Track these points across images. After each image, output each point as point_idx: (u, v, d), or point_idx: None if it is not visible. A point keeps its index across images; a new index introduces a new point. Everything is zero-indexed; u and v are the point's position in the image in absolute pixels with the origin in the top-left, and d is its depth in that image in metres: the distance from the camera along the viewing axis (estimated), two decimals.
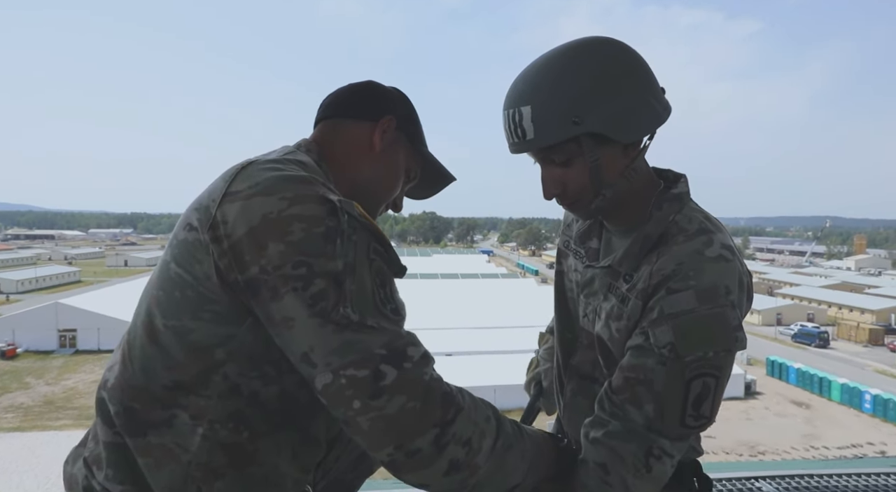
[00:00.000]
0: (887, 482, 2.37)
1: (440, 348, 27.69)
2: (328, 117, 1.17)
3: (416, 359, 0.89)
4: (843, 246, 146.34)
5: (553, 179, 1.12)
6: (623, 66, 1.06)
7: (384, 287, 0.91)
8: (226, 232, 0.87)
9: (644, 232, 1.12)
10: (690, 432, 1.05)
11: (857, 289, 65.29)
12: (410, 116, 1.21)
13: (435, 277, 55.02)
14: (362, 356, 0.84)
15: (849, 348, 44.53)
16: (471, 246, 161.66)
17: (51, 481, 17.36)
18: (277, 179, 0.90)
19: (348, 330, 0.85)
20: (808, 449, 23.79)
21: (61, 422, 24.61)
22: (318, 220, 0.86)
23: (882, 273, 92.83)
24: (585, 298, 1.25)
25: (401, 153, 1.19)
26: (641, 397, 1.03)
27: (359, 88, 1.20)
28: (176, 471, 0.92)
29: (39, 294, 58.21)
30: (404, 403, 0.85)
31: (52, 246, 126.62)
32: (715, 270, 1.03)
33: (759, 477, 2.39)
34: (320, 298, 0.85)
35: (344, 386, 0.84)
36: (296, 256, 0.85)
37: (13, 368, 32.38)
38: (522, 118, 1.05)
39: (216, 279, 0.88)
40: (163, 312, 0.93)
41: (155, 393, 0.93)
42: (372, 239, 0.91)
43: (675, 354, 1.01)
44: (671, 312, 1.02)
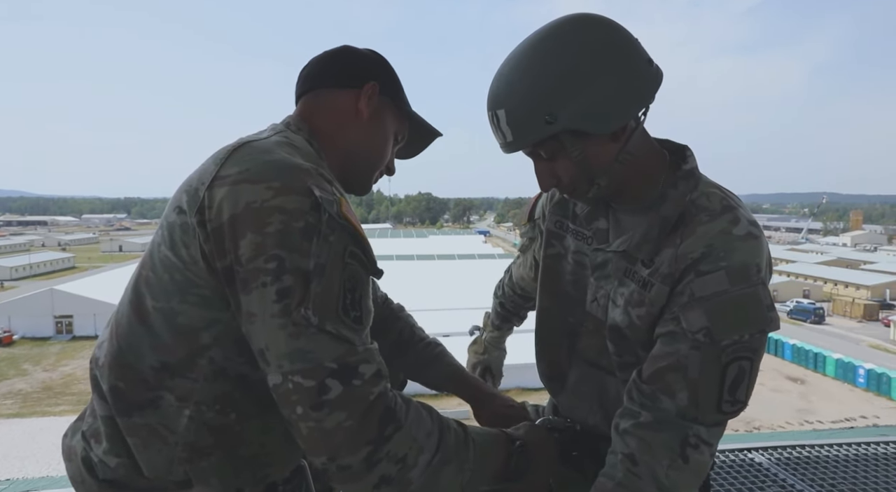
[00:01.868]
0: (877, 451, 2.37)
1: (437, 329, 27.69)
2: (310, 89, 1.15)
3: (367, 377, 0.88)
4: (840, 222, 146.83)
5: (545, 173, 1.10)
6: (596, 50, 0.98)
7: (353, 292, 0.90)
8: (210, 217, 0.88)
9: (661, 214, 1.07)
10: (726, 418, 1.01)
11: (852, 265, 65.63)
12: (392, 79, 1.19)
13: (431, 258, 55.06)
14: (311, 367, 0.85)
15: (844, 324, 44.89)
16: (467, 227, 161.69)
17: (51, 467, 17.47)
18: (267, 165, 0.90)
19: (304, 335, 0.85)
20: (802, 423, 24.08)
21: (60, 408, 24.71)
22: (299, 214, 0.86)
23: (878, 249, 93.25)
24: (597, 281, 1.18)
25: (388, 117, 1.18)
26: (674, 385, 0.99)
27: (336, 56, 1.17)
28: (162, 451, 0.94)
29: (34, 281, 58.04)
30: (342, 420, 0.85)
31: (46, 232, 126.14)
32: (745, 249, 0.99)
33: (752, 448, 2.40)
34: (285, 295, 0.85)
35: (290, 391, 0.85)
36: (270, 250, 0.84)
37: (10, 355, 32.41)
38: (500, 121, 1.03)
39: (203, 263, 0.89)
40: (153, 294, 0.94)
41: (141, 373, 0.94)
42: (350, 241, 0.90)
43: (711, 339, 0.97)
44: (703, 295, 0.98)
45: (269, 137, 1.00)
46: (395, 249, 59.73)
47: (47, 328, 35.98)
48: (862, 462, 2.28)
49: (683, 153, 1.14)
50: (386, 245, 65.05)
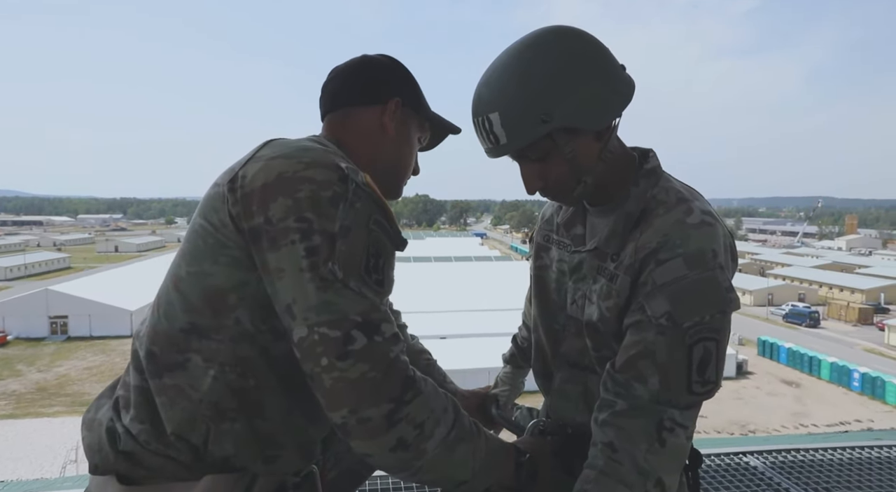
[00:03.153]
0: (871, 455, 2.38)
1: (434, 331, 27.81)
2: (335, 108, 1.21)
3: (388, 335, 0.91)
4: (835, 226, 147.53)
5: (533, 175, 1.14)
6: (579, 56, 1.06)
7: (377, 258, 0.94)
8: (242, 184, 0.94)
9: (625, 210, 1.14)
10: (699, 399, 1.04)
11: (847, 269, 65.94)
12: (412, 88, 1.24)
13: (428, 260, 55.10)
14: (337, 318, 0.88)
15: (839, 328, 45.05)
16: (464, 229, 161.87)
17: (44, 469, 17.40)
18: (300, 147, 0.98)
19: (331, 289, 0.89)
20: (797, 427, 24.14)
21: (54, 409, 24.61)
22: (327, 184, 0.92)
23: (872, 253, 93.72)
24: (574, 284, 1.24)
25: (412, 127, 1.24)
26: (645, 371, 1.03)
27: (358, 71, 1.22)
28: (187, 409, 0.98)
29: (29, 281, 57.85)
30: (366, 371, 0.88)
31: (41, 232, 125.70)
32: (700, 236, 1.05)
33: (747, 452, 2.40)
34: (313, 253, 0.89)
35: (316, 342, 0.88)
36: (300, 212, 0.90)
37: (4, 355, 32.29)
38: (493, 125, 1.07)
39: (231, 225, 0.94)
40: (187, 261, 0.99)
41: (173, 337, 0.99)
42: (375, 210, 0.96)
43: (674, 322, 1.02)
44: (663, 282, 1.03)
45: (299, 139, 1.10)
46: None
47: (42, 329, 35.87)
48: (856, 466, 2.28)
49: (647, 155, 1.21)
50: None
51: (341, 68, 1.23)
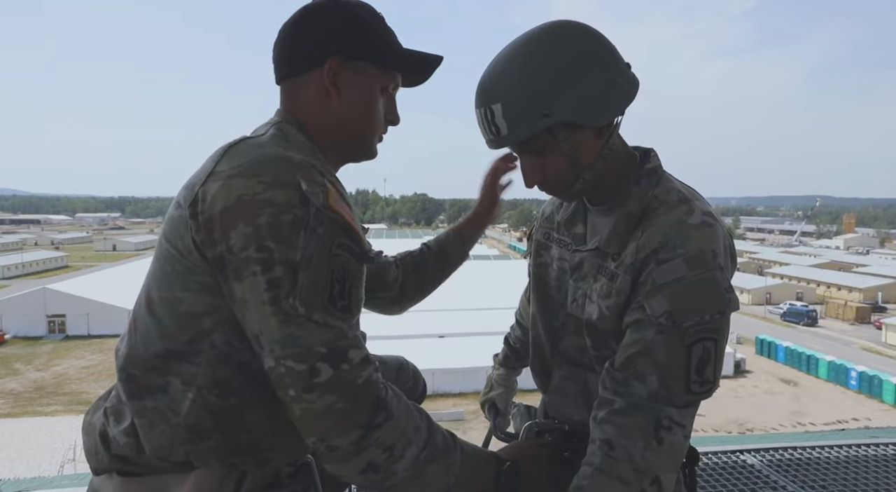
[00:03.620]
0: (867, 453, 2.39)
1: (432, 330, 27.80)
2: (281, 79, 1.14)
3: (356, 362, 0.92)
4: (833, 225, 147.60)
5: (533, 168, 1.14)
6: (585, 50, 1.07)
7: (343, 282, 0.93)
8: (202, 209, 0.91)
9: (626, 210, 1.14)
10: (697, 399, 1.05)
11: (845, 268, 66.01)
12: (361, 38, 1.12)
13: None
14: (302, 351, 0.88)
15: (836, 326, 45.13)
16: None
17: (43, 468, 17.38)
18: (260, 160, 0.93)
19: (293, 322, 0.88)
20: (795, 425, 24.18)
21: (52, 408, 24.58)
22: (288, 207, 0.89)
23: (870, 252, 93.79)
24: (575, 282, 1.24)
25: (365, 81, 1.13)
26: (644, 370, 1.04)
27: (292, 35, 1.12)
28: (165, 431, 0.98)
29: (26, 280, 57.73)
30: (333, 402, 0.89)
31: (39, 231, 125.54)
32: (700, 237, 1.06)
33: (744, 450, 2.41)
34: (275, 285, 0.88)
35: (283, 374, 0.89)
36: (260, 241, 0.88)
37: (2, 354, 32.24)
38: (494, 116, 1.07)
39: (196, 253, 0.93)
40: (158, 285, 0.98)
41: (151, 361, 0.99)
42: (339, 233, 0.93)
43: (673, 322, 1.02)
44: (663, 282, 1.04)
45: (265, 133, 1.05)
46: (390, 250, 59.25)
47: (39, 327, 35.82)
48: (853, 464, 2.29)
49: (648, 154, 1.21)
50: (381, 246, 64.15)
51: (281, 31, 1.14)
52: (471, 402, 24.45)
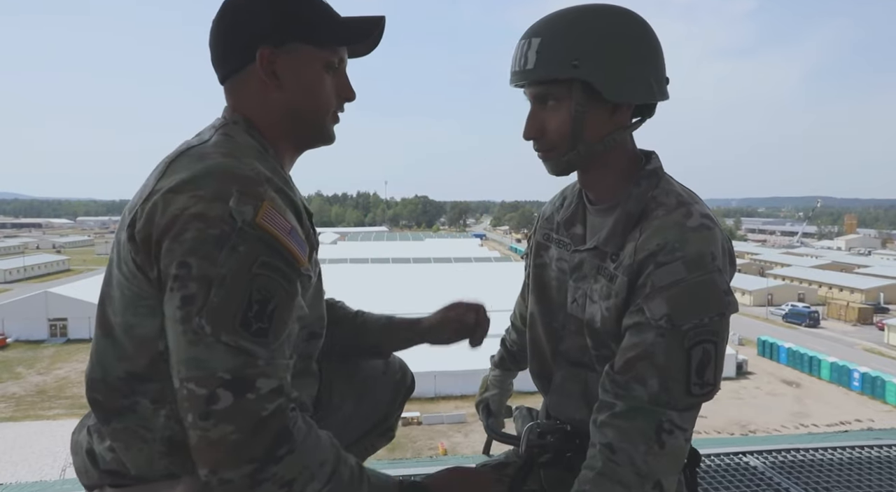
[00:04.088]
0: (871, 455, 2.38)
1: None
2: (223, 79, 1.11)
3: (263, 392, 0.87)
4: (834, 226, 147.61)
5: (537, 119, 1.16)
6: (634, 37, 1.13)
7: (264, 304, 0.88)
8: (139, 228, 0.90)
9: (625, 210, 1.15)
10: (698, 401, 1.05)
11: (847, 269, 65.89)
12: (287, 20, 1.06)
13: (428, 261, 55.05)
14: (204, 375, 0.85)
15: (838, 327, 45.04)
16: (463, 230, 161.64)
17: (44, 472, 17.36)
18: (199, 173, 0.91)
19: (201, 344, 0.85)
20: (797, 427, 24.12)
21: (54, 411, 24.57)
22: (216, 222, 0.87)
23: (872, 253, 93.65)
24: (575, 283, 1.25)
25: (303, 63, 1.08)
26: (644, 373, 1.04)
27: (219, 33, 1.08)
28: (143, 450, 0.97)
29: (28, 283, 57.82)
30: (229, 432, 0.84)
31: (40, 234, 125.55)
32: (699, 239, 1.06)
33: (747, 452, 2.40)
34: (188, 303, 0.86)
35: (184, 397, 0.86)
36: (181, 256, 0.86)
37: (3, 358, 32.22)
38: (530, 48, 1.11)
39: (141, 276, 0.91)
40: (112, 309, 0.97)
41: (113, 383, 0.98)
42: (263, 252, 0.88)
43: (672, 324, 1.02)
44: (662, 285, 1.04)
45: (209, 140, 1.02)
46: (391, 252, 59.71)
47: (41, 331, 35.79)
48: (856, 466, 2.28)
49: (650, 156, 1.22)
50: (382, 248, 65.09)
51: (210, 32, 1.10)
52: (472, 405, 24.31)
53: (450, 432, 22.40)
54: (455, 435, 22.22)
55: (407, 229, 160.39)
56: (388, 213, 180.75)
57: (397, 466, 2.21)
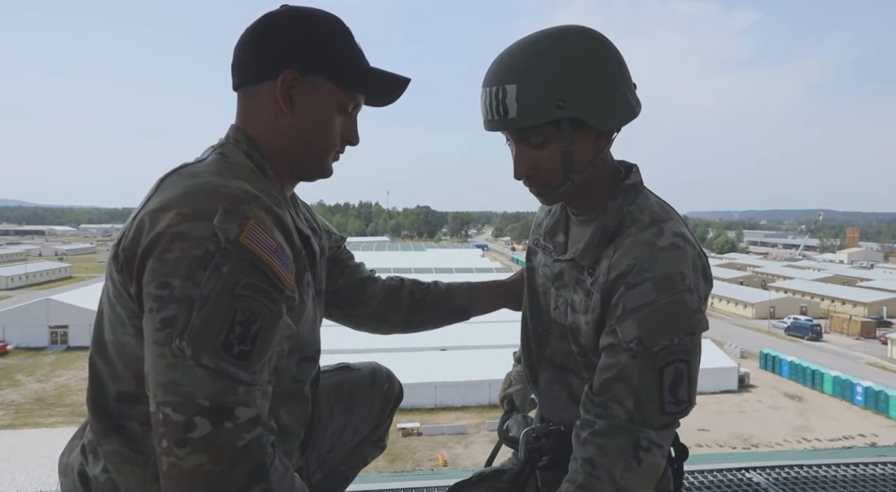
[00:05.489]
0: (875, 472, 2.36)
1: (434, 343, 27.73)
2: (237, 86, 1.09)
3: (242, 421, 0.84)
4: (836, 239, 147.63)
5: (526, 159, 1.14)
6: (605, 56, 1.11)
7: (246, 326, 0.85)
8: (123, 246, 0.89)
9: (602, 224, 1.16)
10: (673, 419, 1.07)
11: (849, 282, 65.80)
12: (320, 51, 1.06)
13: (429, 271, 55.02)
14: (182, 401, 0.82)
15: (841, 341, 44.88)
16: (465, 240, 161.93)
17: (42, 480, 17.30)
18: (187, 190, 0.90)
19: (180, 367, 0.82)
20: (800, 441, 23.99)
21: (53, 419, 24.51)
22: (200, 241, 0.84)
23: (874, 266, 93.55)
24: (557, 290, 1.27)
25: (320, 98, 1.07)
26: (620, 394, 1.06)
27: (250, 41, 1.07)
28: (135, 472, 0.95)
29: (30, 290, 57.87)
30: (204, 462, 0.81)
31: (43, 242, 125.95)
32: (668, 259, 1.07)
33: (749, 468, 2.38)
34: (168, 324, 0.83)
35: (160, 422, 0.83)
36: (163, 277, 0.84)
37: (3, 365, 32.21)
38: (506, 96, 1.07)
39: (126, 295, 0.90)
40: (106, 328, 0.96)
41: (105, 405, 0.97)
42: (247, 272, 0.86)
43: (643, 347, 1.05)
44: (633, 307, 1.06)
45: (204, 159, 1.02)
46: (392, 263, 59.74)
47: (42, 338, 35.79)
48: (860, 483, 2.27)
49: (630, 170, 1.22)
50: (384, 258, 65.08)
51: (241, 36, 1.08)
52: (473, 415, 24.33)
53: (450, 443, 22.29)
54: (455, 446, 22.11)
55: (409, 239, 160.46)
56: (390, 223, 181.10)
57: (397, 478, 2.19)
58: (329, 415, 1.35)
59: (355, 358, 1.63)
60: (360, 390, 1.44)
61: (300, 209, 1.20)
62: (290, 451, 1.10)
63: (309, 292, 1.08)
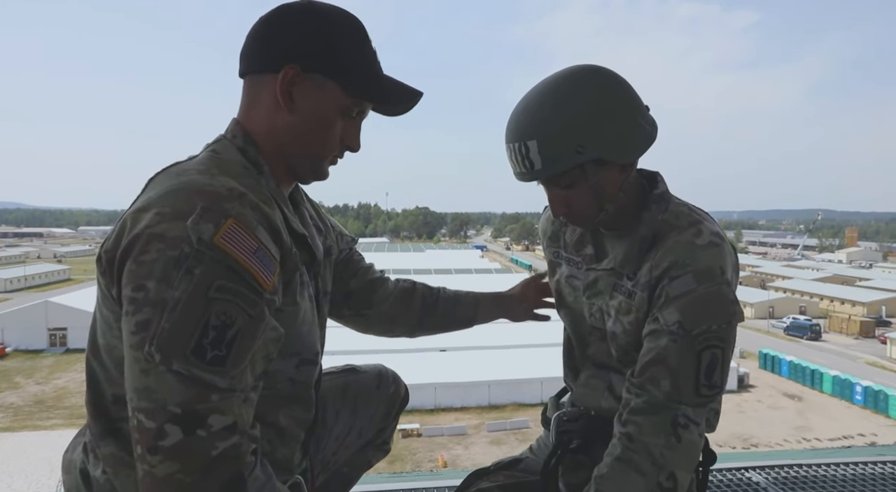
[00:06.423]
0: (874, 471, 2.36)
1: (434, 344, 27.71)
2: (242, 74, 1.07)
3: (215, 429, 0.81)
4: (835, 239, 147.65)
5: (560, 201, 1.22)
6: (615, 94, 1.16)
7: (221, 330, 0.82)
8: (105, 249, 0.88)
9: (639, 235, 1.23)
10: (705, 402, 1.14)
11: (848, 281, 65.87)
12: (328, 50, 1.02)
13: (428, 272, 55.04)
14: (154, 407, 0.80)
15: (840, 341, 44.91)
16: (464, 241, 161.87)
17: (41, 482, 17.27)
18: (169, 190, 0.88)
19: (152, 373, 0.80)
20: (800, 441, 24.01)
21: (52, 422, 24.47)
22: (176, 242, 0.82)
23: (873, 266, 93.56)
24: (589, 299, 1.33)
25: (322, 99, 1.03)
26: (658, 375, 1.13)
27: (260, 31, 1.05)
28: (131, 476, 0.94)
29: (28, 293, 57.82)
30: (174, 472, 0.79)
31: (41, 244, 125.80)
32: (708, 256, 1.15)
33: (749, 467, 2.38)
34: (142, 328, 0.81)
35: (135, 427, 0.82)
36: (139, 279, 0.82)
37: (2, 367, 32.16)
38: (529, 151, 1.14)
39: (111, 297, 0.89)
40: (98, 331, 0.96)
41: (101, 407, 0.97)
42: (221, 275, 0.83)
43: (684, 330, 1.12)
44: (675, 295, 1.14)
45: (195, 157, 1.01)
46: (391, 264, 59.70)
47: (41, 341, 35.74)
48: (860, 482, 2.27)
49: (655, 179, 1.29)
50: (383, 259, 65.08)
51: (253, 26, 1.06)
52: (473, 416, 24.32)
53: (450, 444, 22.28)
54: (455, 447, 22.09)
55: (408, 241, 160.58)
56: (390, 224, 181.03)
57: (397, 480, 2.19)
58: (334, 417, 1.35)
59: (355, 359, 1.63)
60: (365, 392, 1.43)
61: (303, 208, 1.19)
62: (290, 453, 1.10)
63: (304, 293, 1.05)
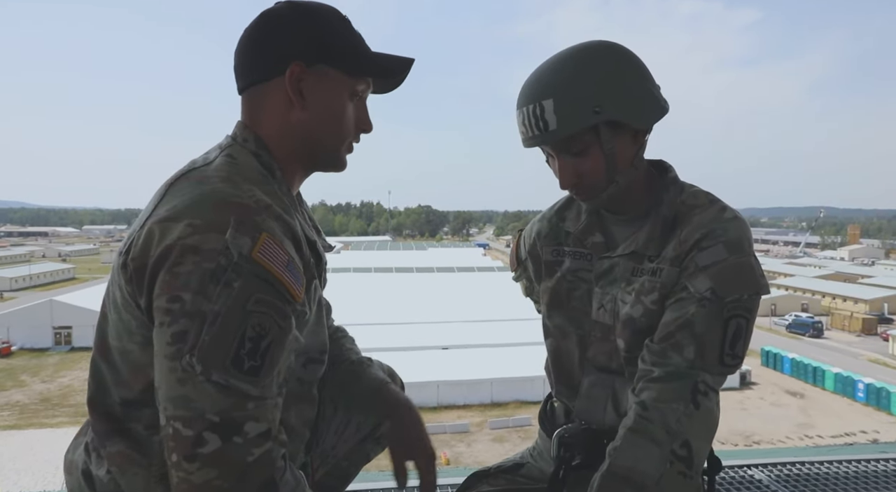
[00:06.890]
0: (877, 468, 2.37)
1: (436, 342, 27.73)
2: (242, 89, 1.08)
3: (251, 436, 0.84)
4: (837, 236, 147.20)
5: (570, 169, 1.20)
6: (632, 63, 1.19)
7: (258, 341, 0.85)
8: (133, 256, 0.88)
9: (661, 215, 1.23)
10: (727, 371, 1.13)
11: (850, 279, 65.58)
12: (324, 41, 1.05)
13: (431, 270, 55.04)
14: (192, 416, 0.82)
15: (842, 338, 44.78)
16: (466, 239, 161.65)
17: (47, 480, 17.33)
18: (197, 199, 0.89)
19: (189, 382, 0.82)
20: (802, 438, 23.95)
21: (58, 419, 24.55)
22: (212, 255, 0.84)
23: (875, 263, 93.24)
24: (602, 289, 1.29)
25: (331, 86, 1.06)
26: (682, 341, 1.11)
27: (252, 41, 1.06)
28: (138, 474, 0.95)
29: (34, 292, 57.91)
30: (213, 478, 0.81)
31: (46, 243, 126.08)
32: (736, 227, 1.17)
33: (751, 465, 2.39)
34: (179, 339, 0.83)
35: (170, 436, 0.83)
36: (175, 290, 0.83)
37: (8, 366, 32.25)
38: (544, 111, 1.14)
39: (133, 304, 0.90)
40: (111, 333, 0.96)
41: (109, 408, 0.97)
42: (259, 288, 0.85)
43: (716, 296, 1.12)
44: (705, 264, 1.14)
45: (212, 162, 1.00)
46: (394, 262, 59.72)
47: (46, 339, 35.81)
48: (862, 479, 2.27)
49: (663, 165, 1.31)
50: (385, 257, 65.08)
51: (240, 38, 1.08)
52: (475, 414, 24.32)
53: (452, 442, 22.29)
54: (458, 445, 22.10)
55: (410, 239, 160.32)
56: (392, 222, 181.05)
57: None
58: (332, 411, 1.35)
59: None
60: None
61: (304, 208, 1.20)
62: (295, 451, 1.10)
63: (315, 297, 1.07)
